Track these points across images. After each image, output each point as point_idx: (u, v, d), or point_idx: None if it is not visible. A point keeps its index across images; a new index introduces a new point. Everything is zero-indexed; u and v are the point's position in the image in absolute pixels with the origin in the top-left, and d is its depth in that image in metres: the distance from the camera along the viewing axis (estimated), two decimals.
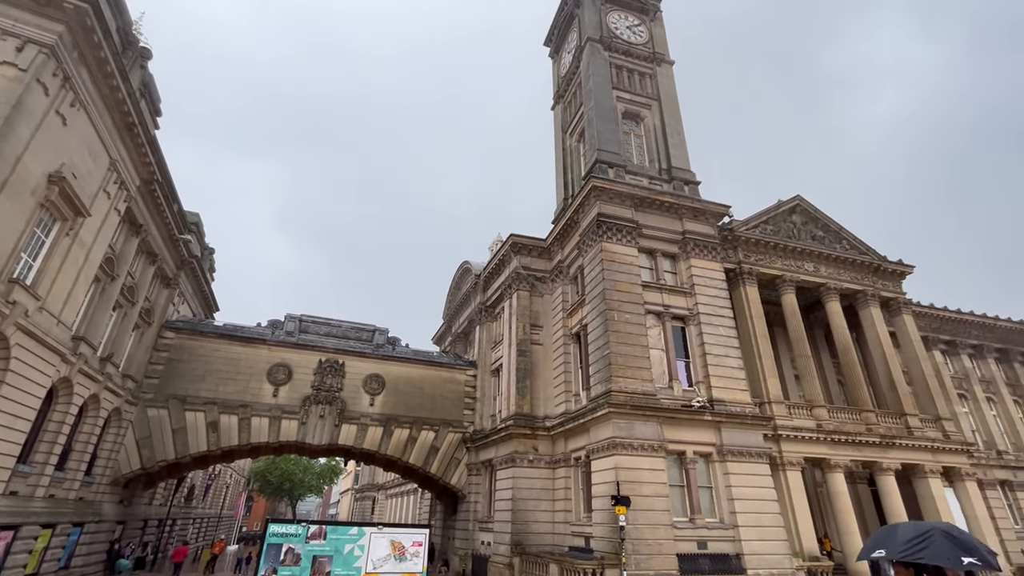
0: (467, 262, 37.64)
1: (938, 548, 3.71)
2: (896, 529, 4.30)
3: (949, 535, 3.82)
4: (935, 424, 27.21)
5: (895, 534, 4.17)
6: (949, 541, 3.74)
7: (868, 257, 30.28)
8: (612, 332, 21.54)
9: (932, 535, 3.83)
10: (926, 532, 3.89)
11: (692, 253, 25.10)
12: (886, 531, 4.49)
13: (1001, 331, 37.97)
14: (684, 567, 18.19)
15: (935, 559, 3.70)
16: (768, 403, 24.30)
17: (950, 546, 3.70)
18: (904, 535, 4.02)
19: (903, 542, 3.91)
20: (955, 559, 3.62)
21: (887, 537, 4.29)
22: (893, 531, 4.31)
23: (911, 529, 4.10)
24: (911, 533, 3.99)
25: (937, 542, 3.75)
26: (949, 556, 3.64)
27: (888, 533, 4.37)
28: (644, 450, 19.60)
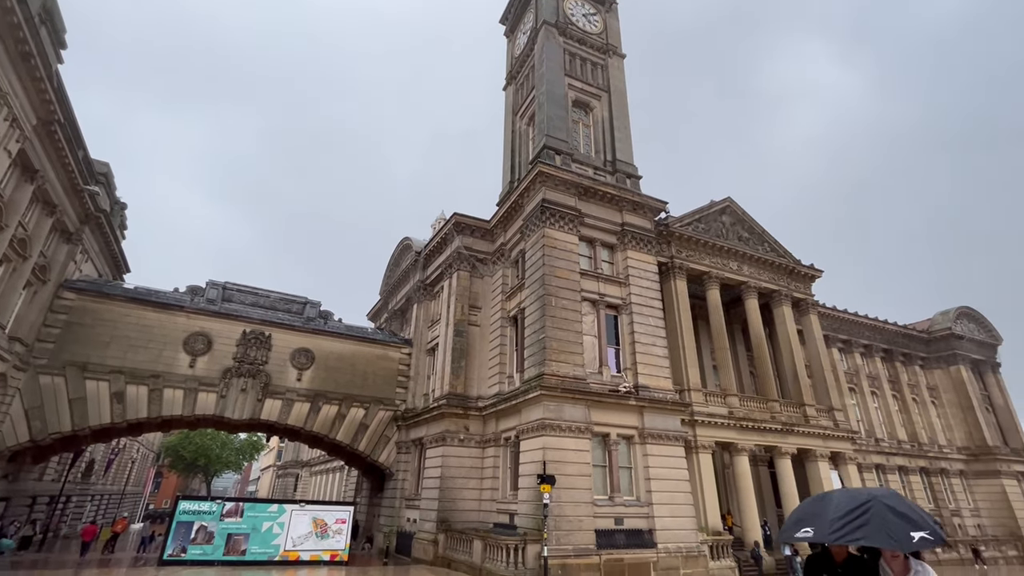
0: (408, 239, 36.83)
1: (880, 525, 3.14)
2: (827, 501, 3.62)
3: (891, 508, 3.23)
4: (828, 414, 30.28)
5: (825, 508, 3.53)
6: (892, 514, 3.17)
7: (785, 260, 32.80)
8: (549, 317, 22.00)
9: (871, 507, 3.23)
10: (864, 504, 3.27)
11: (629, 245, 26.01)
12: (814, 503, 3.81)
13: (888, 333, 42.65)
14: (601, 542, 19.22)
15: (878, 540, 3.13)
16: (688, 390, 25.94)
17: (896, 521, 3.14)
18: (837, 509, 3.39)
19: (836, 519, 3.32)
20: (903, 538, 3.05)
21: (816, 511, 3.64)
22: (823, 504, 3.64)
23: (845, 500, 3.44)
24: (845, 506, 3.36)
25: (878, 517, 3.17)
26: (895, 535, 3.07)
27: (817, 507, 3.69)
28: (572, 432, 20.35)
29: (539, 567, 17.51)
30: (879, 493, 3.45)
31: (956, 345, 43.34)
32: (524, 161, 30.34)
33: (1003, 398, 44.21)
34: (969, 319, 45.69)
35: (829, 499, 3.66)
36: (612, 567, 18.84)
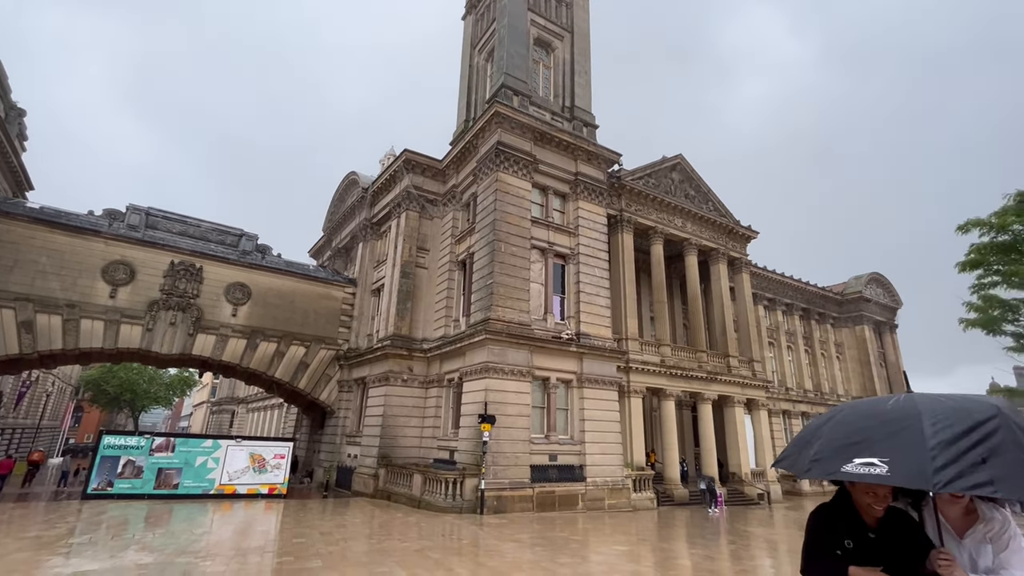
0: (354, 173, 35.06)
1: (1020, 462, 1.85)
2: (907, 410, 2.11)
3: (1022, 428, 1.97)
4: (748, 365, 32.95)
5: (909, 423, 2.04)
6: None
7: (726, 220, 34.22)
8: (498, 263, 22.03)
9: (998, 427, 1.95)
10: (987, 422, 1.96)
11: (581, 195, 26.11)
12: (879, 414, 2.22)
13: (808, 294, 46.26)
14: (535, 476, 20.47)
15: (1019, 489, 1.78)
16: (625, 339, 27.23)
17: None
18: (937, 426, 1.97)
19: (940, 445, 1.90)
20: None
21: (891, 429, 2.09)
22: (902, 415, 2.11)
23: (948, 414, 2.02)
24: (951, 422, 1.97)
25: (1013, 447, 1.90)
26: None
27: (889, 420, 2.16)
28: (514, 375, 21.02)
29: (476, 498, 18.50)
30: (999, 403, 2.07)
31: (864, 307, 47.84)
32: (481, 100, 29.15)
33: (895, 355, 49.84)
34: (877, 284, 50.28)
35: (911, 408, 2.12)
36: (544, 498, 20.22)
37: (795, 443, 2.69)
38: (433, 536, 13.56)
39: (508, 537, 13.69)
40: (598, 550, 12.89)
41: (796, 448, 2.63)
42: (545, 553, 11.66)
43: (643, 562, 11.90)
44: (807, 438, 2.59)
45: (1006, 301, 14.52)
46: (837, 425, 2.43)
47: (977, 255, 14.86)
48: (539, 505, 19.94)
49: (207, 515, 16.87)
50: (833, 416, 2.61)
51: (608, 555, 12.14)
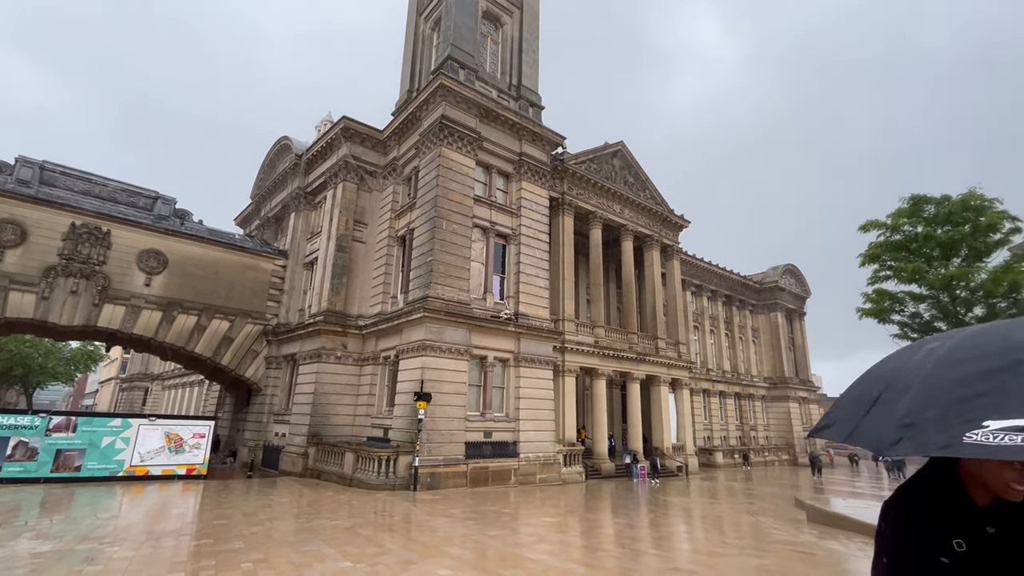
0: (286, 138, 32.97)
1: None
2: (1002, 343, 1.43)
3: None
4: (675, 347, 34.91)
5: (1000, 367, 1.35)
6: None
7: (661, 209, 35.63)
8: (438, 240, 21.71)
9: None
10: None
11: (525, 176, 26.15)
12: (993, 344, 1.45)
13: (731, 282, 49.46)
14: (470, 452, 20.75)
15: None
16: (562, 320, 27.92)
17: None
18: None
19: None
20: None
21: None
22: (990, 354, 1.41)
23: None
24: None
25: None
26: None
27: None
28: (451, 353, 21.00)
29: (409, 476, 18.50)
30: None
31: (779, 296, 51.89)
32: (426, 70, 28.20)
33: (802, 340, 54.71)
34: (791, 275, 54.64)
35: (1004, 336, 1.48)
36: (478, 474, 20.57)
37: (852, 399, 1.68)
38: (365, 513, 13.45)
39: (440, 512, 13.85)
40: (528, 522, 13.35)
41: (855, 407, 1.63)
42: (476, 526, 11.93)
43: (570, 532, 12.49)
44: (878, 389, 1.60)
45: (894, 294, 16.31)
46: (940, 367, 1.47)
47: (874, 252, 16.55)
48: (473, 481, 20.27)
49: (115, 498, 15.70)
50: (929, 351, 1.58)
51: (537, 527, 12.61)
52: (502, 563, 8.28)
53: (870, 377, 1.72)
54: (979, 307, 14.97)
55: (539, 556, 8.99)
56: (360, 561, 8.27)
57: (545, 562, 8.47)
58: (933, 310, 15.98)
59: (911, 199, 16.19)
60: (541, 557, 8.88)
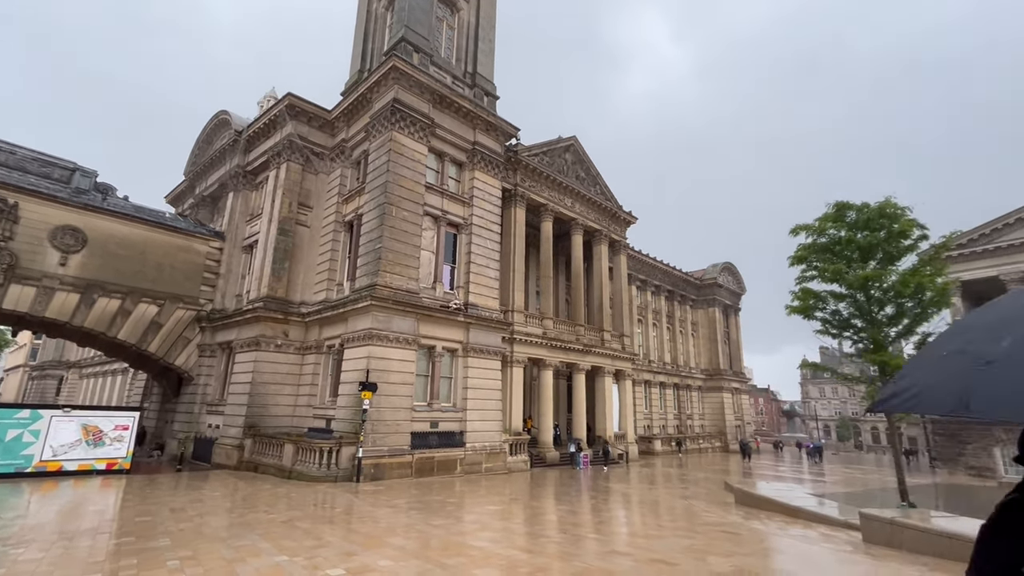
0: (225, 112, 31.02)
1: None
2: None
3: None
4: (619, 339, 36.03)
5: None
6: None
7: (611, 205, 36.48)
8: (388, 227, 21.22)
9: None
10: None
11: (478, 165, 25.97)
12: None
13: (674, 277, 51.54)
14: (416, 443, 20.59)
15: None
16: (512, 311, 28.12)
17: None
18: None
19: None
20: None
21: None
22: None
23: None
24: None
25: None
26: None
27: None
28: (399, 343, 20.67)
29: (352, 467, 18.13)
30: None
31: (717, 292, 54.60)
32: (378, 51, 27.30)
33: (737, 334, 57.94)
34: (729, 272, 57.60)
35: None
36: (423, 464, 20.46)
37: (930, 360, 1.44)
38: (304, 506, 13.08)
39: (384, 503, 13.69)
40: (472, 511, 13.45)
41: (937, 370, 1.34)
42: (420, 516, 11.89)
43: (514, 519, 12.70)
44: (961, 346, 1.33)
45: (817, 293, 17.63)
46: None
47: (801, 253, 17.79)
48: (418, 471, 20.14)
49: (21, 496, 14.41)
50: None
51: (481, 515, 12.74)
52: (445, 552, 8.31)
53: (958, 331, 1.46)
54: (890, 306, 16.43)
55: (482, 544, 9.10)
56: (297, 555, 8.04)
57: (488, 549, 8.58)
58: (851, 308, 17.37)
59: (836, 205, 17.47)
60: (484, 544, 8.99)
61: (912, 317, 16.19)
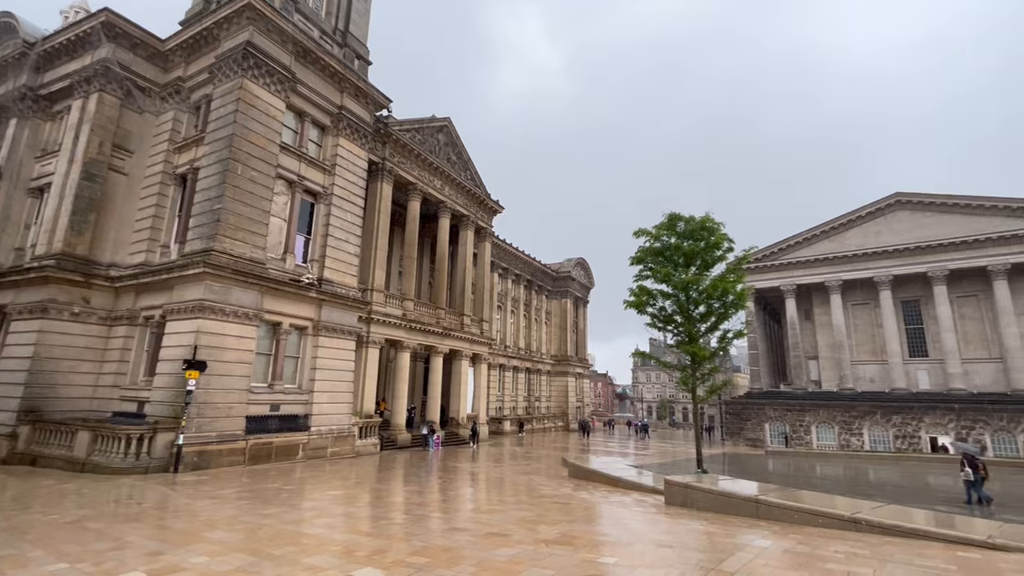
0: (10, 15, 24.38)
1: None
2: None
3: None
4: (479, 324, 36.96)
5: None
6: None
7: (480, 191, 36.98)
8: (231, 186, 18.79)
9: None
10: None
11: (344, 132, 24.28)
12: None
13: (534, 268, 54.34)
14: (252, 427, 18.79)
15: None
16: (371, 290, 27.07)
17: None
18: None
19: None
20: None
21: None
22: None
23: None
24: None
25: None
26: None
27: None
28: (237, 317, 18.56)
29: (170, 456, 15.93)
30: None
31: (570, 284, 58.97)
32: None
33: (583, 324, 63.39)
34: (581, 267, 62.55)
35: None
36: (259, 450, 18.80)
37: None
38: (99, 503, 11.12)
39: (206, 494, 12.29)
40: (312, 497, 12.77)
41: None
42: (249, 506, 10.93)
43: (356, 503, 12.37)
44: None
45: (649, 290, 20.17)
46: None
47: (640, 255, 20.16)
48: (253, 458, 18.45)
49: None
50: None
51: (321, 501, 12.17)
52: (274, 542, 7.76)
53: None
54: (702, 305, 19.46)
55: (318, 531, 8.70)
56: (82, 560, 6.82)
57: (324, 536, 8.24)
58: (675, 306, 20.18)
59: (669, 216, 20.07)
60: (320, 531, 8.61)
61: (717, 316, 19.38)
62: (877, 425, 40.88)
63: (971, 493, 15.61)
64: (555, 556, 6.74)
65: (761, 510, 10.26)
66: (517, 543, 7.62)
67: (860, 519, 9.11)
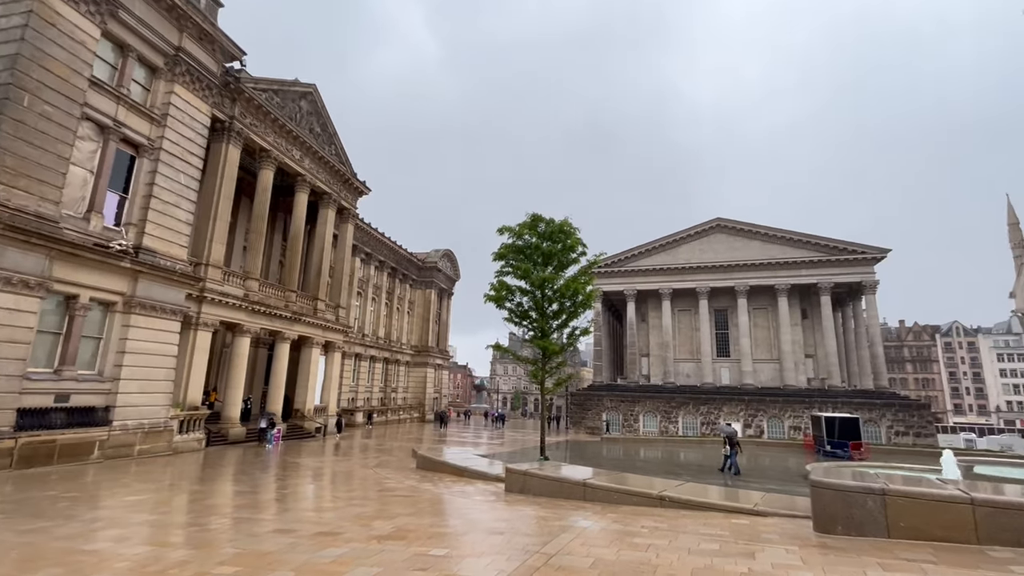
0: None
1: None
2: None
3: None
4: (335, 310, 34.78)
5: None
6: None
7: (345, 169, 34.74)
8: (13, 120, 14.93)
9: None
10: None
11: (181, 78, 20.86)
12: None
13: (400, 256, 52.83)
14: (26, 423, 15.25)
15: None
16: (206, 265, 23.80)
17: None
18: None
19: None
20: None
21: None
22: None
23: None
24: None
25: None
26: None
27: None
28: (11, 285, 14.84)
29: None
30: None
31: (436, 276, 58.57)
32: None
33: (447, 316, 63.53)
34: (448, 259, 62.55)
35: None
36: (35, 450, 15.34)
37: None
38: None
39: None
40: (103, 505, 10.76)
41: None
42: (7, 521, 8.79)
43: (162, 509, 10.72)
44: None
45: (509, 286, 20.93)
46: None
47: (502, 251, 20.80)
48: (25, 460, 14.98)
49: None
50: None
51: (115, 509, 10.30)
52: (36, 564, 6.30)
53: None
54: (555, 303, 20.75)
55: (103, 545, 7.31)
56: None
57: (109, 551, 6.93)
58: (531, 302, 21.20)
59: (531, 216, 21.01)
60: (105, 546, 7.24)
61: (568, 314, 20.82)
62: (689, 414, 47.83)
63: (727, 463, 20.68)
64: (385, 552, 6.55)
65: (588, 493, 11.24)
66: (347, 542, 7.26)
67: (665, 496, 10.49)
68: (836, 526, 7.37)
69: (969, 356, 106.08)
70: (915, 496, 7.03)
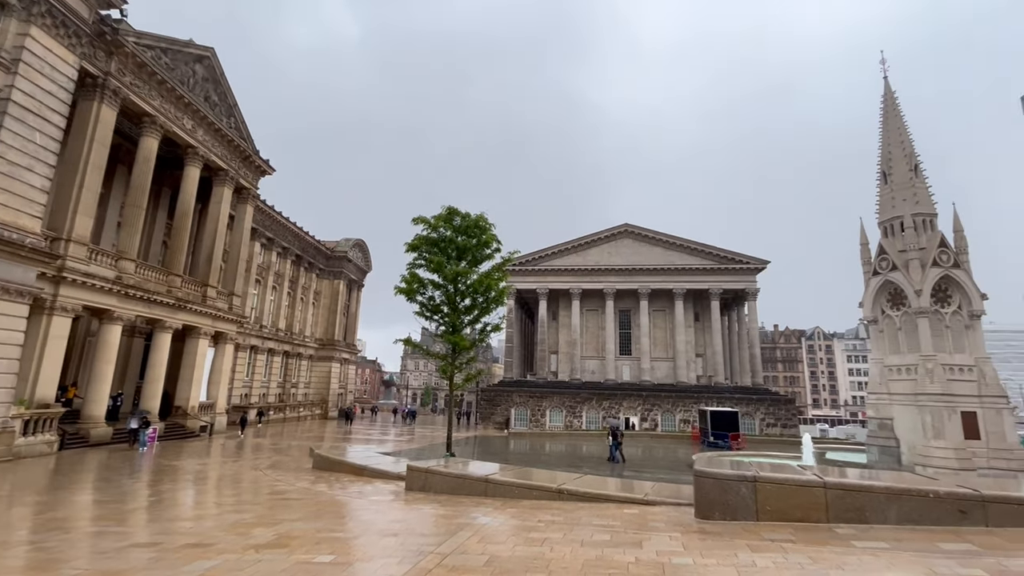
0: None
1: None
2: None
3: None
4: (227, 297, 31.82)
5: None
6: None
7: (245, 145, 31.86)
8: None
9: None
10: None
11: (39, 21, 17.80)
12: None
13: (305, 243, 49.64)
14: None
15: None
16: (67, 240, 20.63)
17: None
18: None
19: None
20: None
21: None
22: None
23: None
24: None
25: None
26: None
27: None
28: None
29: None
30: None
31: (345, 266, 55.83)
32: None
33: (356, 308, 60.88)
34: (360, 249, 59.93)
35: None
36: None
37: None
38: None
39: None
40: None
41: None
42: None
43: None
44: None
45: (421, 278, 20.37)
46: None
47: (416, 243, 20.18)
48: None
49: None
50: None
51: None
52: None
53: None
54: (468, 298, 20.54)
55: None
56: None
57: None
58: (443, 296, 20.79)
59: (447, 209, 20.60)
60: None
61: (480, 309, 20.71)
62: (592, 409, 50.06)
63: (612, 454, 23.20)
64: (263, 563, 5.97)
65: (489, 488, 11.21)
66: (220, 553, 6.53)
67: (564, 490, 10.75)
68: (714, 512, 7.96)
69: (827, 357, 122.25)
70: (780, 482, 7.79)
